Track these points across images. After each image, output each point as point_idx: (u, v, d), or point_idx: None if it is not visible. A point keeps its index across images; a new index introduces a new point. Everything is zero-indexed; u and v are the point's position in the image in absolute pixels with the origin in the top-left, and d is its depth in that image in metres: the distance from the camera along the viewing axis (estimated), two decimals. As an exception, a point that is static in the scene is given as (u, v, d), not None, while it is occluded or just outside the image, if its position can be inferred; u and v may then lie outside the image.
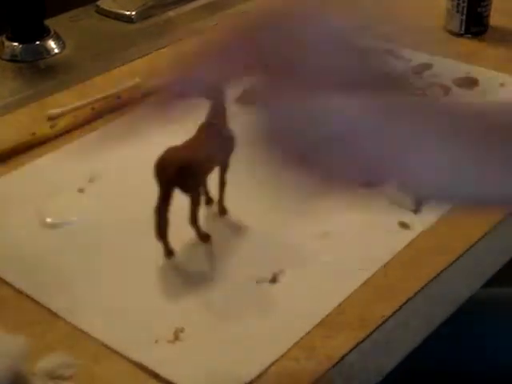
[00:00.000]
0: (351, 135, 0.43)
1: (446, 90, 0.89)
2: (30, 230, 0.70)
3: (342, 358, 0.57)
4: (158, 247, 0.66)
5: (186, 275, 0.65)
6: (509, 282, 0.83)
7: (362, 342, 0.58)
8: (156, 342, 0.58)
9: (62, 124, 0.84)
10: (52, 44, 1.00)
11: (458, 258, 0.66)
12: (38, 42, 0.99)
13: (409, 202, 0.71)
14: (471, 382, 0.84)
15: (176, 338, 0.59)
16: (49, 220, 0.71)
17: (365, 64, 0.47)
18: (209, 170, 0.66)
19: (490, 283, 0.70)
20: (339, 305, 0.61)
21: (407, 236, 0.68)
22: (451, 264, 0.65)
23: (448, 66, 0.94)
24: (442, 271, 0.64)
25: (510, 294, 0.88)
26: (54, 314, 0.62)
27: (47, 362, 0.56)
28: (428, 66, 0.94)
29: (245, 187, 0.74)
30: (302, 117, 0.44)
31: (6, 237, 0.70)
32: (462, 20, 0.99)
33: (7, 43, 0.99)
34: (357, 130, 0.43)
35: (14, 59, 0.98)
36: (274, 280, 0.64)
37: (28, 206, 0.73)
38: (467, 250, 0.66)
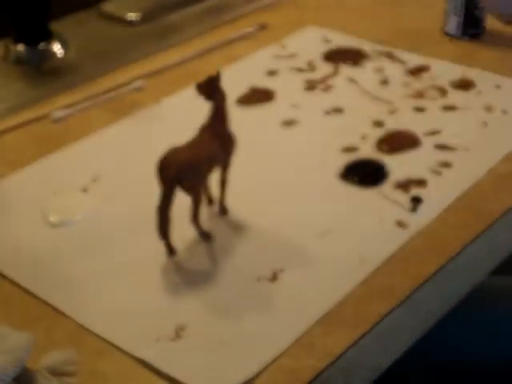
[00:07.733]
0: None
1: (443, 92, 0.89)
2: (34, 229, 0.71)
3: (341, 355, 0.58)
4: (160, 246, 0.67)
5: (187, 273, 0.65)
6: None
7: (361, 339, 0.59)
8: (158, 339, 0.59)
9: (65, 125, 0.85)
10: (56, 47, 1.00)
11: (454, 257, 0.66)
12: (42, 45, 0.99)
13: (406, 201, 0.72)
14: (473, 376, 0.84)
15: (177, 335, 0.59)
16: (52, 219, 0.72)
17: None
18: (210, 169, 0.67)
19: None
20: (338, 303, 0.61)
21: (405, 235, 0.68)
22: (448, 262, 0.65)
23: (445, 68, 0.94)
24: (438, 270, 0.65)
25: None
26: (58, 312, 0.62)
27: (51, 359, 0.56)
28: (425, 68, 0.94)
29: (245, 187, 0.75)
30: None
31: (10, 235, 0.71)
32: (459, 22, 0.99)
33: (12, 46, 0.99)
34: None
35: (18, 62, 0.99)
36: (273, 278, 0.64)
37: (32, 205, 0.74)
38: (464, 248, 0.67)
